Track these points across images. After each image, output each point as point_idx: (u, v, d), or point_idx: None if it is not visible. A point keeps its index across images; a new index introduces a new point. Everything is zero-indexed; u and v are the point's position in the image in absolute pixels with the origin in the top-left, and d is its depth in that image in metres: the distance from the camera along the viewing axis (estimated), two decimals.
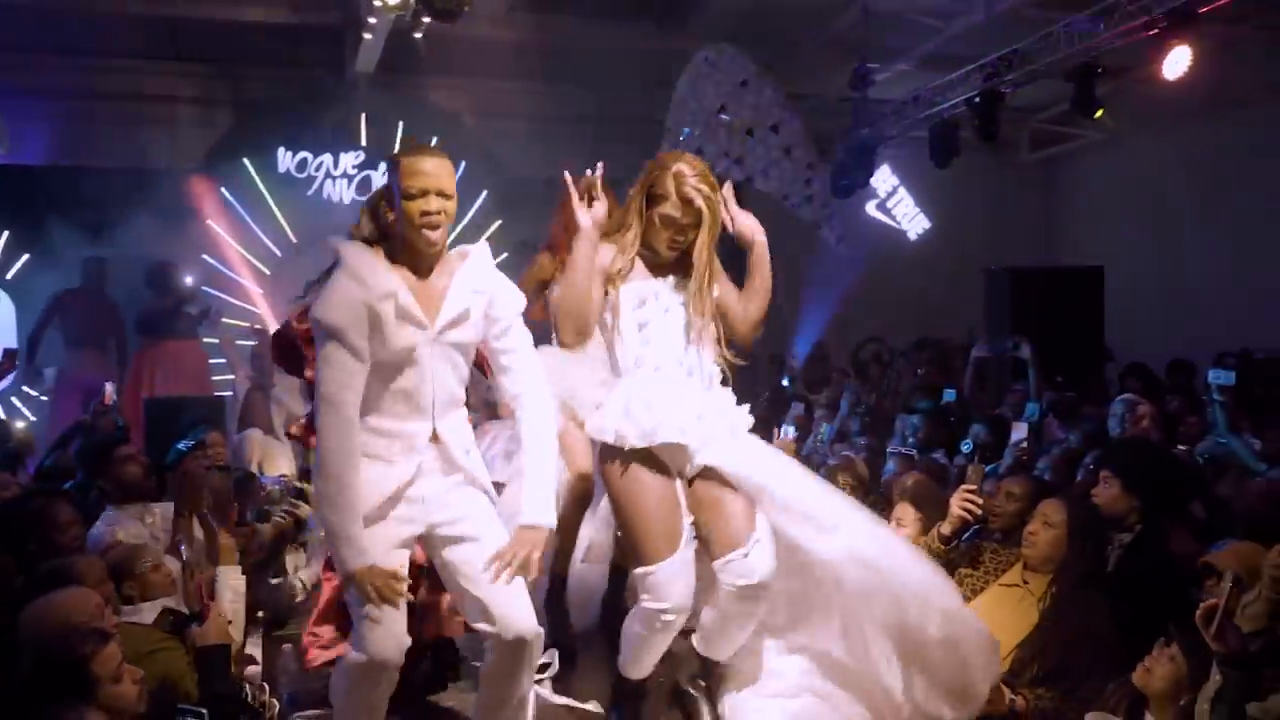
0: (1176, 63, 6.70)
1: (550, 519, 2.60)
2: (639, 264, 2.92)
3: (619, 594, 3.45)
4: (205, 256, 8.59)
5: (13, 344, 8.28)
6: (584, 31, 9.11)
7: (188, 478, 3.82)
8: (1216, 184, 9.69)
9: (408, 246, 2.54)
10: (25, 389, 8.23)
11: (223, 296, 8.39)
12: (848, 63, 9.35)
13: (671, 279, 2.92)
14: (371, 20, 7.23)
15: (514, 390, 2.68)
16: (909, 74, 9.50)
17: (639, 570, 2.81)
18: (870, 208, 11.25)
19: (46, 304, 7.88)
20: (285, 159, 8.89)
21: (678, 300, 2.89)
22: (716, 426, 2.87)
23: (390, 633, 2.50)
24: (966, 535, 3.62)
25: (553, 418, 2.74)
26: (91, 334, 7.93)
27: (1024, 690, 3.05)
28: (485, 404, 4.48)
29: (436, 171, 2.49)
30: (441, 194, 2.49)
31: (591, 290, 2.79)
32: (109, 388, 6.14)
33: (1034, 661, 3.09)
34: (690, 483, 2.88)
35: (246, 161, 8.79)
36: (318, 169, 8.98)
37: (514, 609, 2.54)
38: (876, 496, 4.33)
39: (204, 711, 2.04)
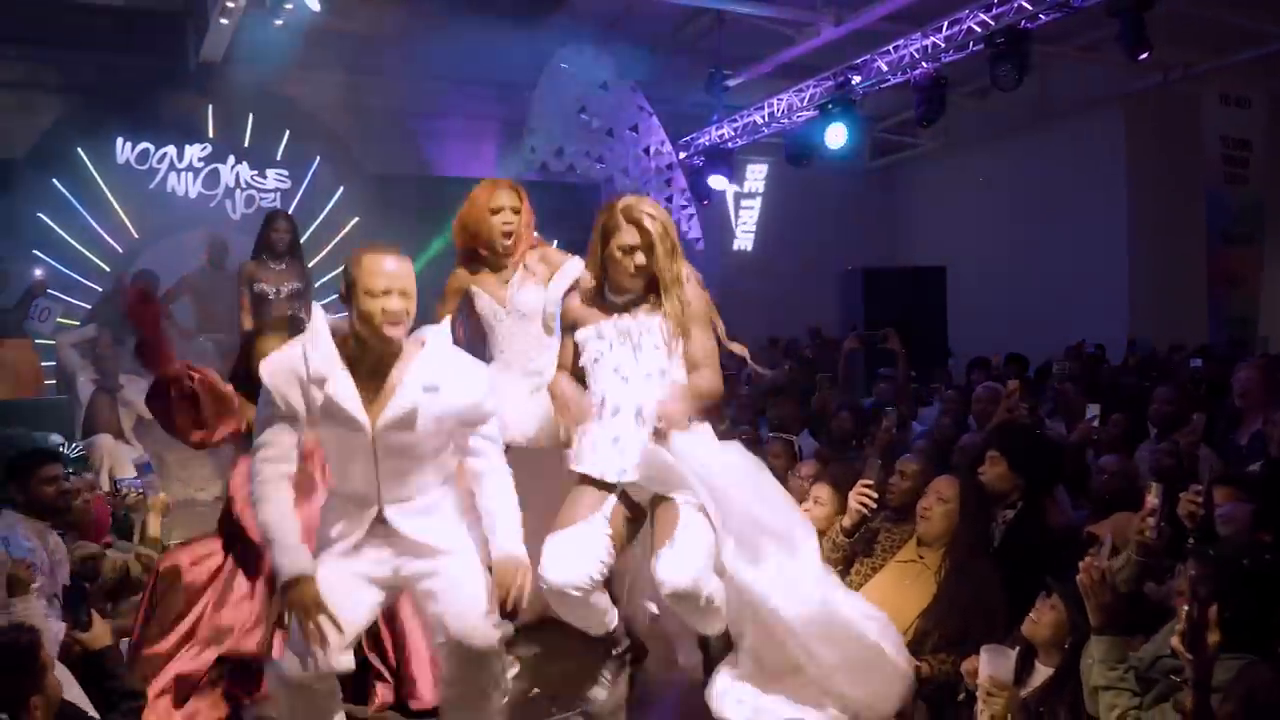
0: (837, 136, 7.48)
1: (522, 551, 2.62)
2: (595, 309, 3.04)
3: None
4: (36, 252, 8.01)
5: None
6: (445, 28, 8.99)
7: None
8: (1043, 189, 10.47)
9: (361, 342, 2.54)
10: None
11: (59, 295, 7.83)
12: (704, 67, 9.60)
13: (620, 318, 3.01)
14: (229, 4, 6.90)
15: (476, 470, 2.69)
16: (763, 81, 9.83)
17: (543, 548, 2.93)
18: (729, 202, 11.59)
19: None
20: (124, 150, 8.40)
21: (618, 339, 3.00)
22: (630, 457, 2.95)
23: (309, 652, 2.45)
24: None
25: (511, 486, 2.74)
26: None
27: (927, 658, 3.23)
28: None
29: (400, 272, 2.52)
30: (403, 294, 2.51)
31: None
32: None
33: (935, 630, 3.28)
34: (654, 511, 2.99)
35: (81, 151, 8.25)
36: (160, 160, 8.52)
37: (472, 620, 2.56)
38: None
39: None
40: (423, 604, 2.65)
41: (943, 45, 7.66)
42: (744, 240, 11.73)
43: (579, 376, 3.09)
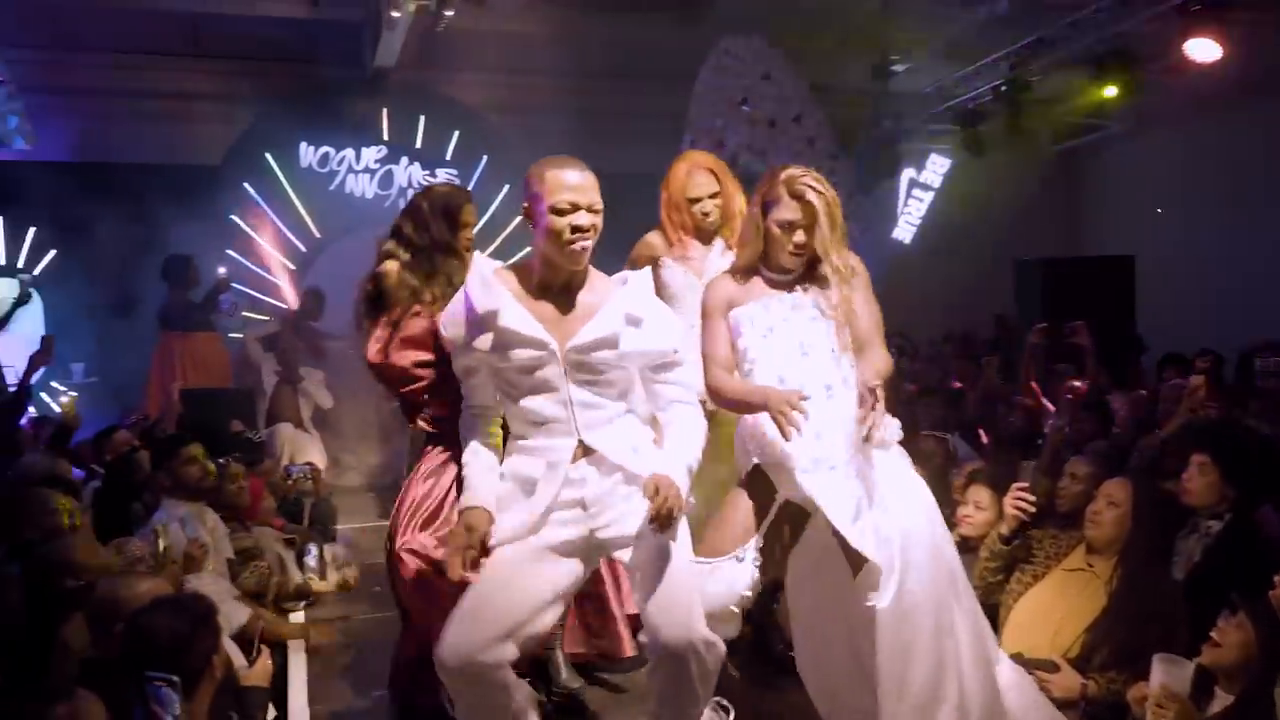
0: (1203, 49, 6.62)
1: (685, 479, 2.42)
2: (758, 283, 2.82)
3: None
4: (230, 251, 8.57)
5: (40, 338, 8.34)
6: (605, 25, 9.07)
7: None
8: (1243, 173, 9.61)
9: (546, 262, 2.44)
10: (53, 384, 8.23)
11: (249, 291, 8.36)
12: (869, 54, 9.30)
13: (788, 293, 2.79)
14: (394, 14, 7.18)
15: (668, 415, 2.55)
16: (932, 65, 9.44)
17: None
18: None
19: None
20: (308, 154, 8.88)
21: (793, 312, 2.76)
22: (833, 446, 2.64)
23: (468, 628, 2.34)
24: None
25: (703, 428, 2.58)
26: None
27: (1094, 675, 3.00)
28: None
29: (586, 185, 2.38)
30: (591, 209, 2.39)
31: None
32: (77, 369, 6.09)
33: (1103, 645, 3.05)
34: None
35: (269, 156, 8.77)
36: (339, 163, 8.96)
37: (665, 616, 2.33)
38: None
39: (175, 679, 2.09)
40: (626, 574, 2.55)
41: (1124, 14, 7.14)
42: (904, 231, 11.30)
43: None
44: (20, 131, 7.41)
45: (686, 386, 2.59)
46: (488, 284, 2.44)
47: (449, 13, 7.05)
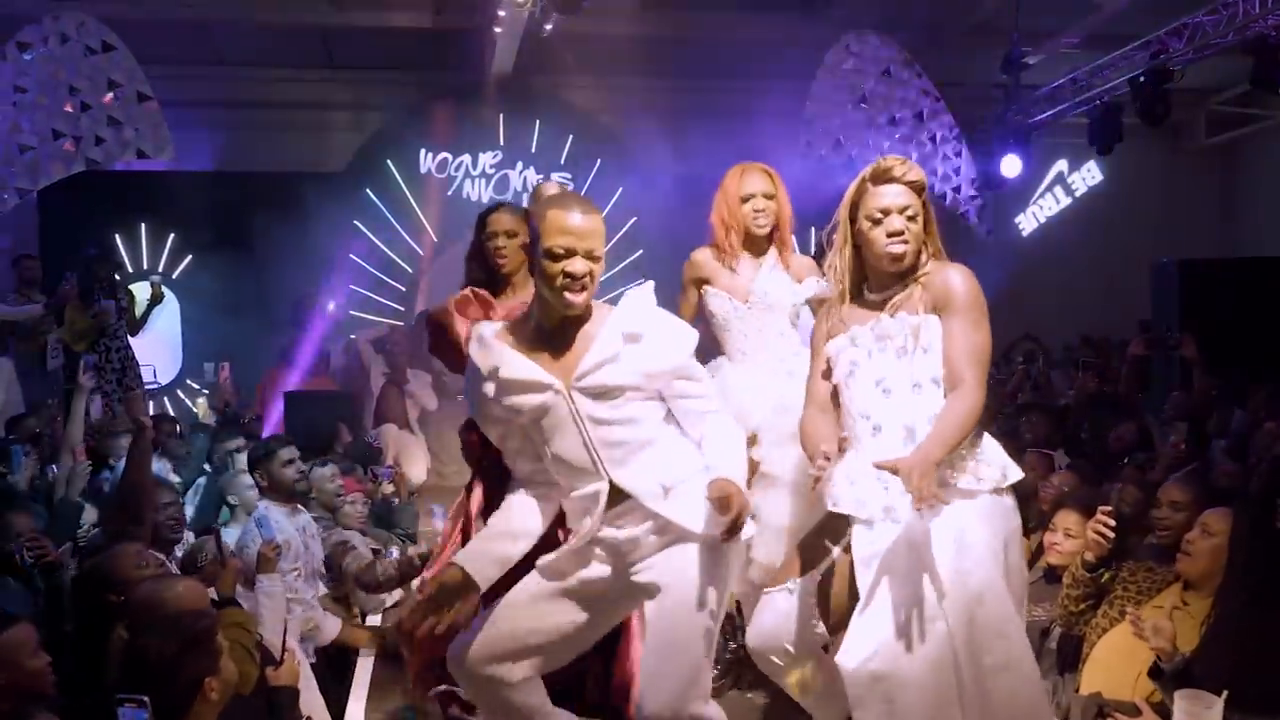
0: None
1: (741, 480, 2.32)
2: (855, 310, 2.60)
3: None
4: (352, 256, 8.87)
5: (177, 339, 8.86)
6: (722, 24, 8.95)
7: None
8: None
9: (543, 304, 2.33)
10: (189, 382, 8.72)
11: (368, 295, 8.64)
12: (999, 46, 8.88)
13: (877, 320, 2.54)
14: (500, 17, 7.26)
15: (692, 415, 2.43)
16: (1066, 55, 8.94)
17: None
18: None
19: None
20: (426, 160, 9.11)
21: (864, 351, 2.54)
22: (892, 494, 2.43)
23: (478, 638, 2.35)
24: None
25: (739, 436, 2.47)
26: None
27: None
28: None
29: (587, 230, 2.24)
30: (589, 256, 2.25)
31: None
32: (225, 365, 6.39)
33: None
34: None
35: (390, 163, 9.04)
36: (457, 169, 9.16)
37: (656, 684, 2.24)
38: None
39: (145, 699, 2.06)
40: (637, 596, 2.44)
41: None
42: (1029, 223, 10.76)
43: (833, 403, 2.64)
44: (161, 144, 7.83)
45: (710, 397, 2.46)
46: (486, 344, 2.36)
47: (551, 19, 7.03)
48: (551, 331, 2.34)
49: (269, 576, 3.59)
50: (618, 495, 2.33)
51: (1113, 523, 3.08)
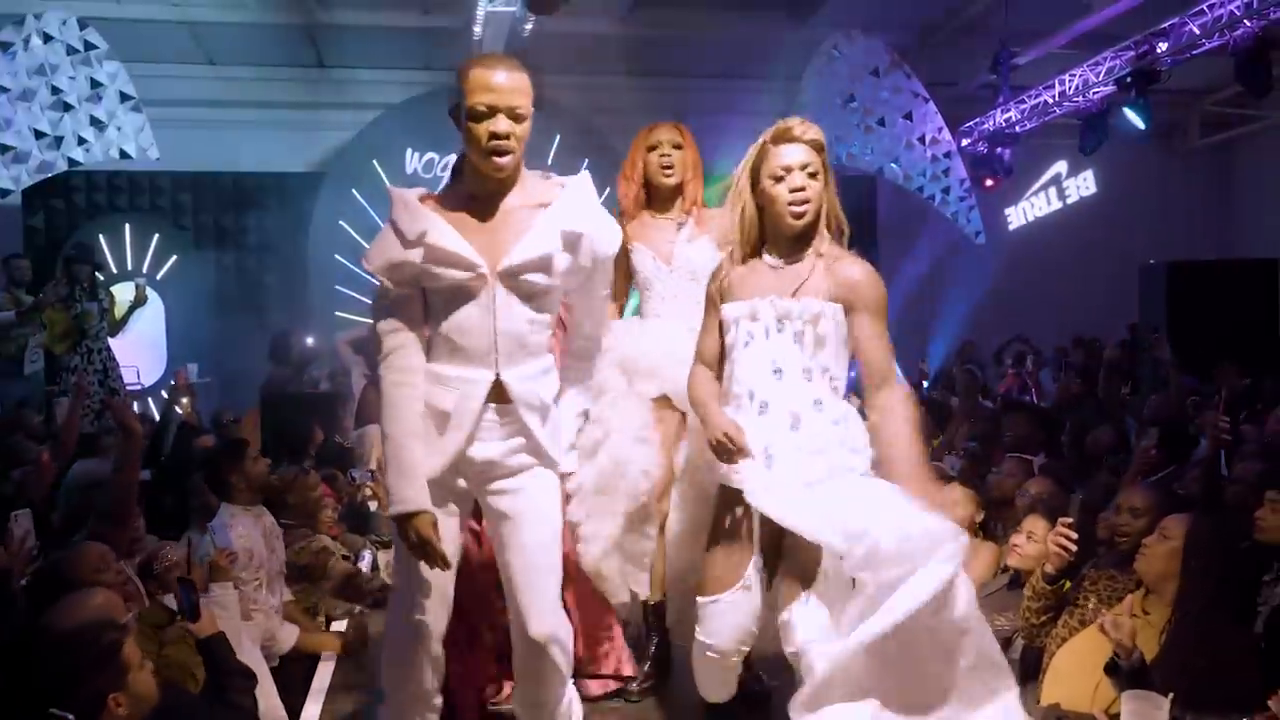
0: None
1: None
2: (751, 276, 2.58)
3: None
4: (337, 256, 8.84)
5: (161, 339, 8.84)
6: (710, 25, 8.93)
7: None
8: None
9: (473, 170, 2.29)
10: (173, 383, 8.67)
11: (353, 295, 8.60)
12: (988, 47, 8.85)
13: (764, 300, 2.52)
14: (479, 15, 7.24)
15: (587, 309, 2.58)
16: (1055, 57, 8.90)
17: (698, 599, 2.63)
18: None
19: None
20: (412, 160, 9.08)
21: (762, 326, 2.53)
22: (784, 472, 2.46)
23: (426, 597, 2.35)
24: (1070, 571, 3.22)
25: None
26: None
27: None
28: None
29: (509, 86, 2.19)
30: (512, 114, 2.20)
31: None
32: (191, 368, 6.36)
33: None
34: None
35: (376, 163, 9.00)
36: (443, 169, 9.10)
37: (535, 609, 2.36)
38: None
39: (69, 717, 2.04)
40: (493, 532, 2.43)
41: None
42: (1018, 217, 10.71)
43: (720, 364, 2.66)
44: (144, 145, 7.81)
45: (597, 340, 2.61)
46: (412, 208, 2.28)
47: (531, 19, 7.01)
48: (484, 200, 2.30)
49: (221, 585, 3.55)
50: (495, 397, 2.33)
51: (1074, 535, 3.03)
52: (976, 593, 3.53)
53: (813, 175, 2.47)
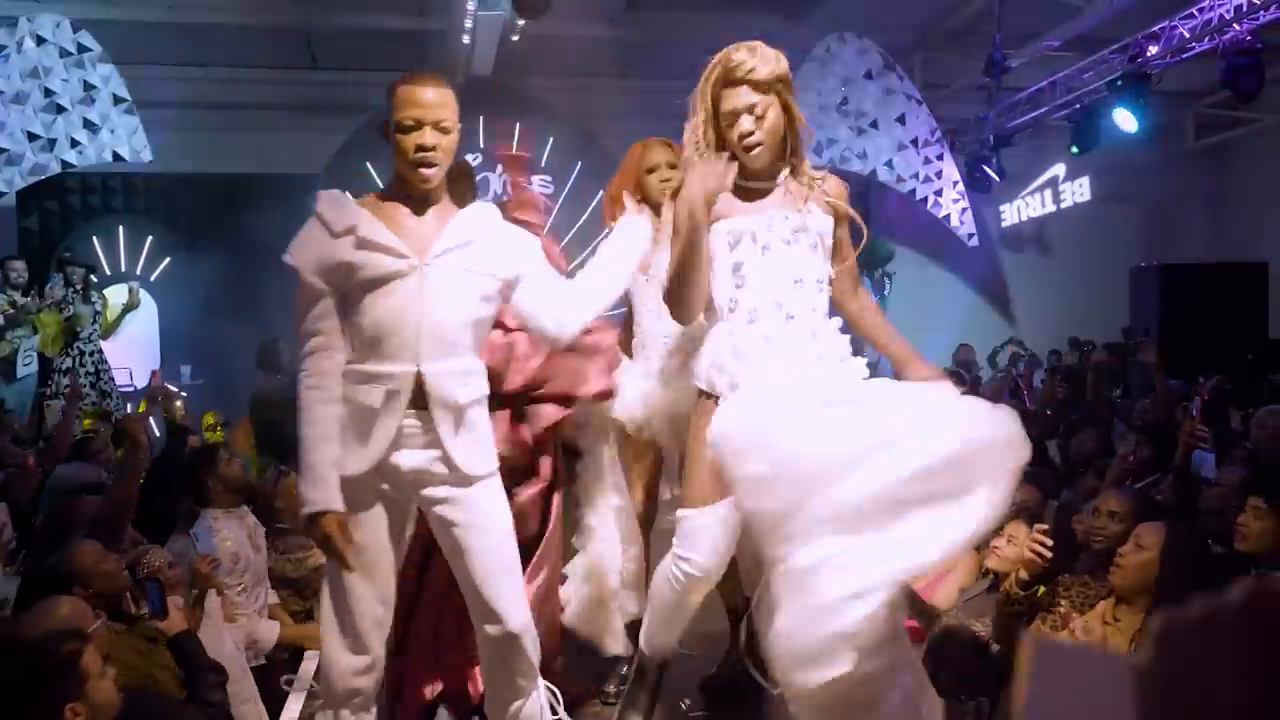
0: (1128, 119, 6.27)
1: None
2: (732, 197, 2.57)
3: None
4: None
5: (155, 341, 8.85)
6: (703, 27, 8.92)
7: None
8: None
9: (401, 180, 2.36)
10: (167, 385, 8.69)
11: None
12: (982, 49, 8.85)
13: (770, 213, 2.54)
14: (470, 19, 7.25)
15: (555, 296, 2.51)
16: (1048, 59, 8.90)
17: (678, 512, 2.60)
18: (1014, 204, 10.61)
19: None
20: None
21: (779, 237, 2.53)
22: (812, 381, 2.46)
23: (357, 600, 2.34)
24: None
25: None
26: None
27: None
28: None
29: (435, 102, 2.30)
30: (438, 127, 2.30)
31: (703, 282, 2.53)
32: (184, 370, 6.34)
33: None
34: None
35: (369, 165, 9.01)
36: None
37: (504, 601, 2.41)
38: None
39: None
40: (444, 541, 2.43)
41: (1259, 3, 6.52)
42: (1011, 214, 10.69)
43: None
44: (137, 147, 7.84)
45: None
46: (340, 204, 2.34)
47: (521, 22, 7.02)
48: (410, 208, 2.36)
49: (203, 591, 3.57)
50: (415, 403, 2.33)
51: (1049, 542, 3.03)
52: (957, 597, 3.60)
53: (760, 117, 2.46)
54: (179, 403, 6.46)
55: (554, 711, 2.77)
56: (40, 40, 7.48)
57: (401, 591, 2.56)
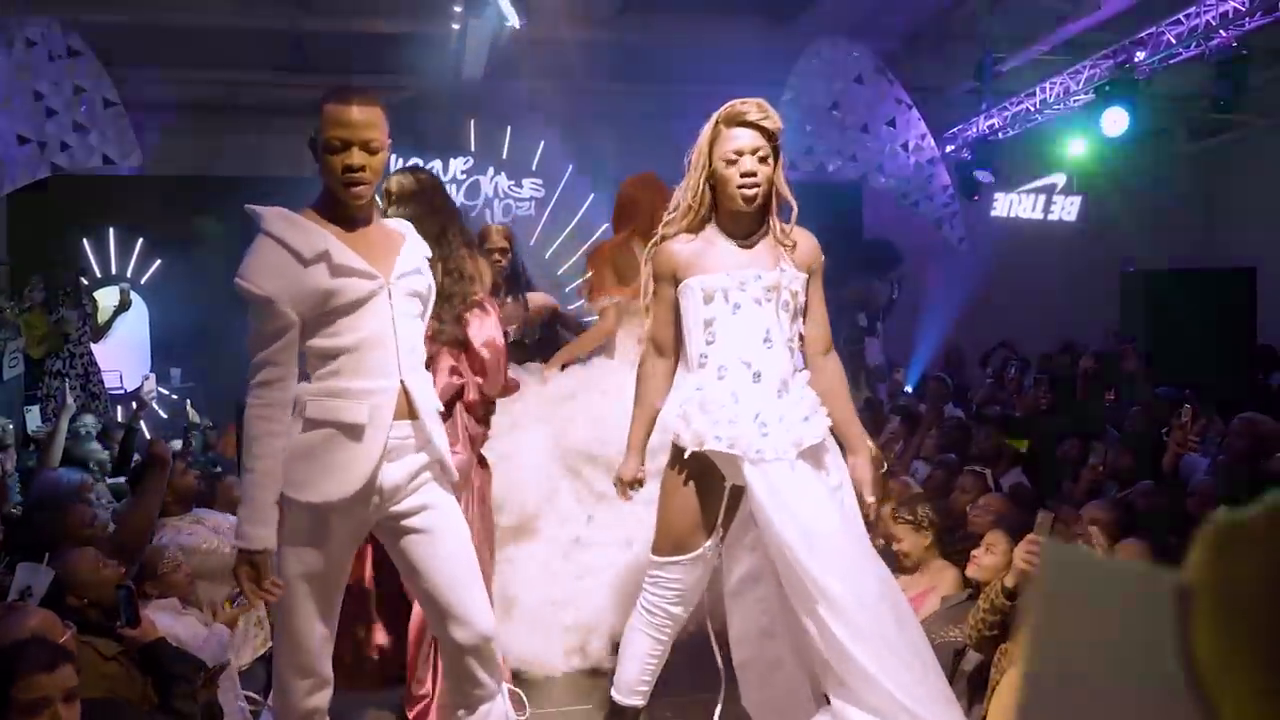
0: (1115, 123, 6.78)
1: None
2: (709, 252, 2.64)
3: None
4: None
5: (145, 343, 8.84)
6: (694, 30, 8.93)
7: None
8: None
9: (335, 200, 2.34)
10: (159, 389, 8.68)
11: None
12: (971, 53, 8.86)
13: (745, 272, 2.61)
14: (455, 26, 7.26)
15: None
16: (1039, 63, 8.92)
17: (652, 557, 2.73)
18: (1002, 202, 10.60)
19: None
20: (396, 165, 9.04)
21: (751, 297, 2.60)
22: (779, 440, 2.55)
23: (306, 616, 2.38)
24: None
25: None
26: None
27: None
28: None
29: (362, 121, 2.27)
30: (366, 147, 2.27)
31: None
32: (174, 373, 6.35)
33: None
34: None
35: None
36: None
37: (477, 610, 2.45)
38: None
39: None
40: (408, 552, 2.43)
41: (1244, 10, 6.53)
42: (1024, 239, 10.69)
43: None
44: (127, 149, 7.82)
45: None
46: (303, 226, 2.28)
47: (508, 23, 7.03)
48: (349, 223, 2.35)
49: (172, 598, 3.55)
50: (400, 413, 2.37)
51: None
52: (939, 606, 3.61)
53: (763, 160, 2.57)
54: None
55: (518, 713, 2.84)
56: (30, 43, 7.45)
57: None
